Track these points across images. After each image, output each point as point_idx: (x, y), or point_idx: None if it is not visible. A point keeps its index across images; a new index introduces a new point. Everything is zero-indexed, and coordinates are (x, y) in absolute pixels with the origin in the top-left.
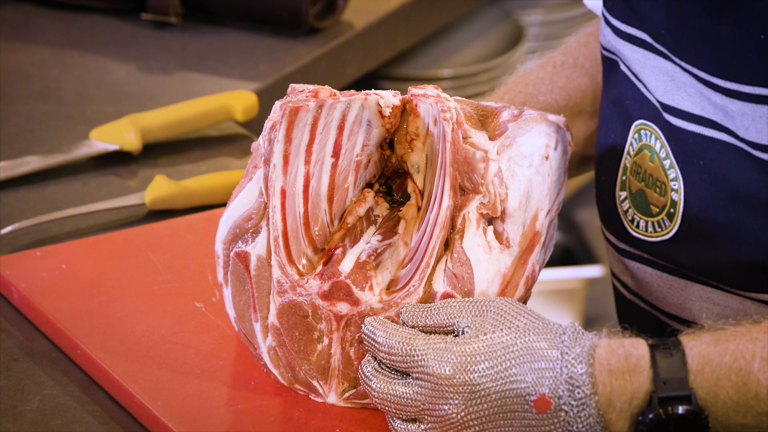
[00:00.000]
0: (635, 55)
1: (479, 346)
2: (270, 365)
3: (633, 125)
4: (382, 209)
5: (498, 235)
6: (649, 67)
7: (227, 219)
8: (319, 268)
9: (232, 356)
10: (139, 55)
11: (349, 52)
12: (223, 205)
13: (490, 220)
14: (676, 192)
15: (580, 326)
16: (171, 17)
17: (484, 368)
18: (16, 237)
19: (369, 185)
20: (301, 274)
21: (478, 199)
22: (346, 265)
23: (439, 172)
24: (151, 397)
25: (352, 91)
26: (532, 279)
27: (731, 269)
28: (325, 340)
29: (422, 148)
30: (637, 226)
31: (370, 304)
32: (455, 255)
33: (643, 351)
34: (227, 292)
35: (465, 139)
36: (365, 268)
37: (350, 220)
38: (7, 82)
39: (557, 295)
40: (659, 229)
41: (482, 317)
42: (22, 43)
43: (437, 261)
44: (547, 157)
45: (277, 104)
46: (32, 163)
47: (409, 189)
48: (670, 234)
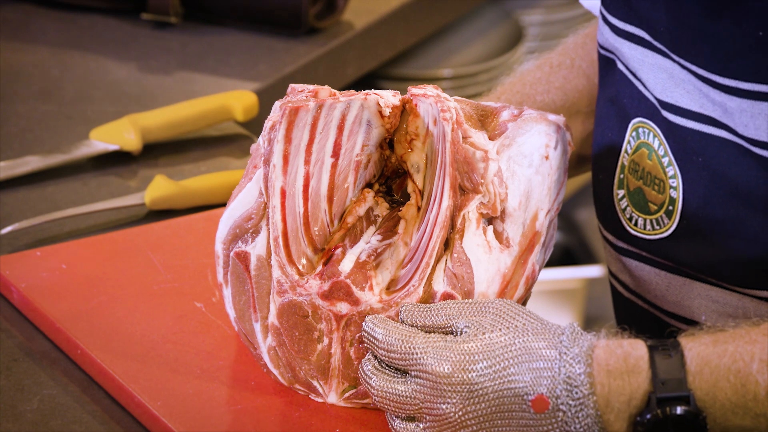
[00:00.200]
0: (633, 53)
1: (478, 345)
2: (270, 365)
3: (631, 123)
4: (382, 209)
5: (498, 235)
6: (647, 64)
7: (227, 219)
8: (319, 268)
9: (232, 356)
10: (139, 55)
11: (349, 52)
12: (223, 205)
13: (490, 220)
14: (675, 189)
15: (578, 327)
16: (171, 17)
17: (483, 367)
18: (16, 237)
19: (369, 185)
20: (301, 274)
21: (478, 199)
22: (346, 265)
23: (439, 171)
24: (151, 397)
25: (352, 91)
26: (532, 279)
27: (730, 266)
28: (325, 340)
29: (422, 148)
30: (636, 224)
31: (370, 304)
32: (455, 255)
33: (641, 351)
34: (227, 292)
35: (465, 138)
36: (365, 268)
37: (350, 220)
38: (7, 82)
39: (557, 295)
40: (658, 227)
41: (481, 317)
42: (22, 43)
43: (437, 261)
44: (547, 157)
45: (276, 104)
46: (32, 163)
47: (409, 189)
48: (669, 231)
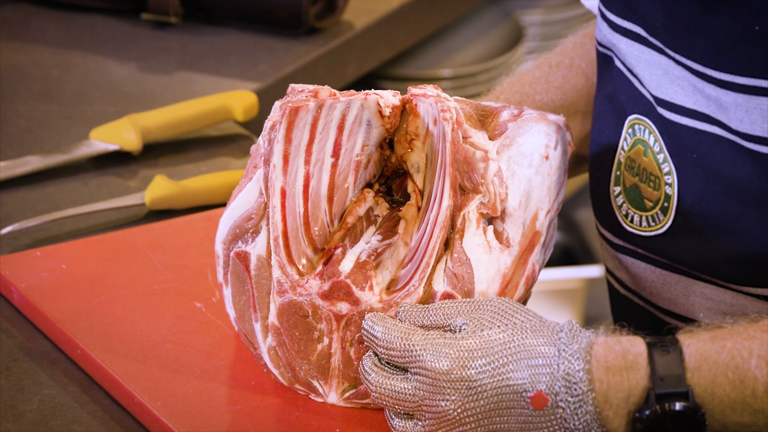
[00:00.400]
0: (630, 50)
1: (476, 342)
2: (270, 365)
3: (627, 120)
4: (382, 209)
5: (498, 235)
6: (643, 61)
7: (227, 219)
8: (319, 268)
9: (232, 356)
10: (139, 55)
11: (349, 52)
12: (223, 205)
13: (490, 220)
14: (670, 186)
15: (577, 324)
16: (171, 17)
17: (481, 364)
18: (16, 237)
19: (369, 185)
20: (301, 274)
21: (478, 199)
22: (346, 265)
23: (439, 171)
24: (151, 397)
25: (352, 91)
26: (532, 279)
27: (725, 263)
28: (325, 340)
29: (422, 148)
30: (632, 220)
31: (370, 304)
32: (455, 255)
33: (640, 348)
34: (227, 292)
35: (465, 138)
36: (365, 268)
37: (350, 220)
38: (7, 82)
39: (557, 295)
40: (653, 224)
41: (479, 315)
42: (22, 43)
43: (437, 261)
44: (547, 157)
45: (276, 104)
46: (32, 163)
47: (409, 189)
48: (664, 228)
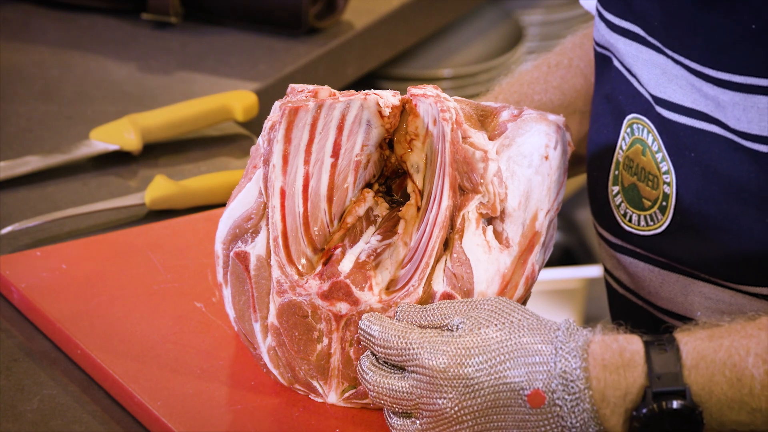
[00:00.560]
0: (628, 49)
1: (473, 340)
2: (270, 365)
3: (626, 119)
4: (382, 209)
5: (497, 235)
6: (641, 60)
7: (227, 219)
8: (319, 268)
9: (232, 356)
10: (139, 55)
11: (349, 52)
12: (223, 205)
13: (489, 220)
14: (668, 185)
15: (574, 322)
16: (171, 17)
17: (478, 362)
18: (16, 237)
19: (368, 185)
20: (300, 274)
21: (477, 199)
22: (346, 265)
23: (439, 172)
24: (151, 397)
25: (352, 91)
26: (532, 279)
27: (723, 262)
28: (325, 340)
29: (422, 148)
30: (630, 220)
31: (370, 304)
32: (455, 255)
33: (637, 346)
34: (227, 292)
35: (464, 139)
36: (365, 268)
37: (350, 220)
38: (7, 82)
39: (557, 295)
40: (651, 223)
41: (477, 313)
42: (22, 43)
43: (437, 261)
44: (546, 157)
45: (276, 104)
46: (32, 163)
47: (409, 189)
48: (663, 227)
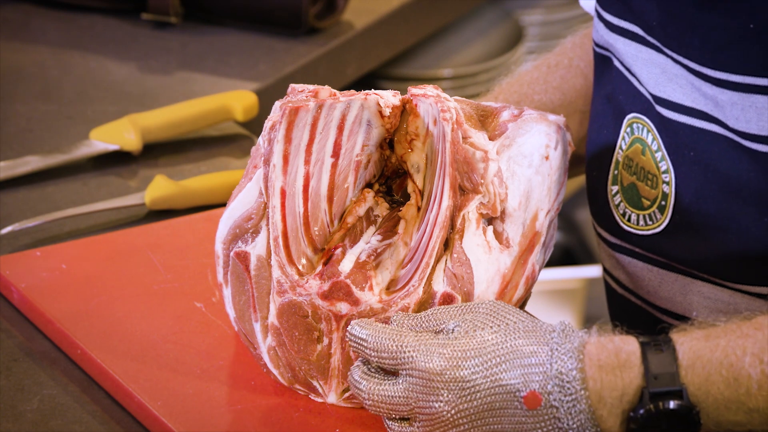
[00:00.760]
0: (628, 49)
1: (469, 342)
2: (270, 365)
3: (626, 119)
4: (382, 209)
5: (498, 235)
6: (641, 60)
7: (227, 219)
8: (319, 268)
9: (232, 356)
10: (139, 55)
11: (349, 52)
12: (223, 205)
13: (489, 220)
14: (668, 184)
15: (569, 324)
16: (171, 17)
17: (474, 364)
18: (16, 237)
19: (369, 185)
20: (300, 274)
21: (477, 199)
22: (346, 265)
23: (439, 172)
24: (151, 397)
25: (352, 91)
26: (532, 279)
27: (722, 261)
28: (325, 340)
29: (422, 148)
30: (629, 219)
31: (370, 304)
32: (455, 255)
33: (633, 347)
34: (227, 292)
35: (465, 139)
36: (365, 268)
37: (350, 220)
38: (7, 82)
39: (557, 295)
40: (650, 222)
41: (472, 317)
42: (22, 43)
43: (437, 261)
44: (547, 157)
45: (277, 104)
46: (32, 163)
47: (409, 189)
48: (662, 227)
